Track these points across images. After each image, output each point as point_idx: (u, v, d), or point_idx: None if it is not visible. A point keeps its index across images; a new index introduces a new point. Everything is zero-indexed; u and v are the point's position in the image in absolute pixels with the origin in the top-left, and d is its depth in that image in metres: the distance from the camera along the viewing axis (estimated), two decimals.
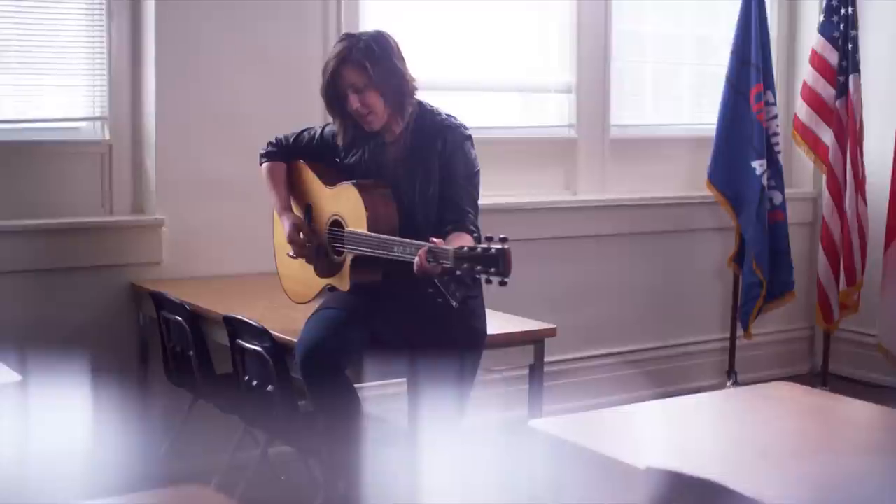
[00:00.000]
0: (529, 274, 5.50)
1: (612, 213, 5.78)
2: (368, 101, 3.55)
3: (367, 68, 3.53)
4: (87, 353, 4.43)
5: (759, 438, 2.69)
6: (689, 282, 6.02)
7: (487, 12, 5.45)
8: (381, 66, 3.56)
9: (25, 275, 4.46)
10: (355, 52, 3.56)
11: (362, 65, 3.54)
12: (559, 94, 5.72)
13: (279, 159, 3.84)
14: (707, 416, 2.94)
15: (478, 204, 3.60)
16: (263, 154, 3.87)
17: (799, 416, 2.94)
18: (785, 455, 2.56)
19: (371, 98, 3.55)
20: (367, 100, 3.55)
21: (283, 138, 3.86)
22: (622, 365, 5.81)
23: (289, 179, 3.84)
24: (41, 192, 4.55)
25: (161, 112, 4.63)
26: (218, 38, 4.70)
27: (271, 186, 3.81)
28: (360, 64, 3.54)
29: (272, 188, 3.81)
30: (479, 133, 5.42)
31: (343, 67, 3.56)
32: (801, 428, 2.83)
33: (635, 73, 5.98)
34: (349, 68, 3.55)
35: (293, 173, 3.84)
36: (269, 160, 3.85)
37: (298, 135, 3.84)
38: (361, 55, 3.55)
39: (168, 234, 4.67)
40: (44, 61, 4.56)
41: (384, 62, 3.57)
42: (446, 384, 3.47)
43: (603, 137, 5.80)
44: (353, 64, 3.55)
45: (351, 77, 3.55)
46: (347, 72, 3.55)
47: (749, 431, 2.77)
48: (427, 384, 3.47)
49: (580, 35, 5.67)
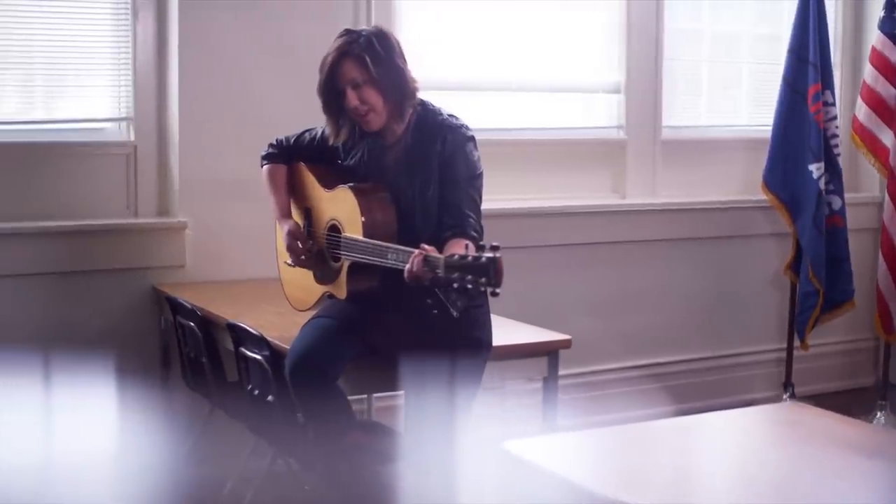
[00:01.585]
0: (573, 280, 5.36)
1: (662, 218, 5.58)
2: (368, 98, 3.42)
3: (368, 63, 3.40)
4: (110, 356, 4.41)
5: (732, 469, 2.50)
6: (744, 290, 5.79)
7: (531, 11, 5.29)
8: (382, 62, 3.43)
9: (49, 277, 4.44)
10: (355, 45, 3.43)
11: (362, 59, 3.41)
12: (607, 95, 5.54)
13: (279, 161, 3.73)
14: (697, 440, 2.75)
15: (480, 207, 3.45)
16: (264, 156, 3.77)
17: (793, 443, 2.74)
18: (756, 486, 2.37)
19: (370, 95, 3.42)
20: (366, 97, 3.42)
21: (284, 139, 3.75)
22: (670, 376, 5.60)
23: (289, 182, 3.73)
24: (67, 194, 4.52)
25: (185, 113, 4.57)
26: (244, 38, 4.63)
27: (271, 191, 3.71)
28: (359, 58, 3.41)
29: (271, 192, 3.71)
30: (524, 134, 5.39)
31: (342, 61, 3.43)
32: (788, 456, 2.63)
33: (689, 73, 5.76)
34: (349, 62, 3.42)
35: (294, 176, 3.73)
36: (269, 162, 3.74)
37: (299, 136, 3.73)
38: (361, 49, 3.42)
39: (191, 237, 4.60)
40: (69, 62, 4.52)
41: (385, 58, 3.44)
42: (445, 397, 3.32)
43: (654, 139, 5.60)
44: (352, 58, 3.42)
45: (350, 72, 3.42)
46: (347, 66, 3.43)
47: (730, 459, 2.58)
48: (425, 397, 3.33)
49: (630, 33, 5.49)
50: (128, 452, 4.31)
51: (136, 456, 4.25)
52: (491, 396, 4.25)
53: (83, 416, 4.38)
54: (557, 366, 3.77)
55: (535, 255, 5.28)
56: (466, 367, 3.39)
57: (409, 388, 3.40)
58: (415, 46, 5.04)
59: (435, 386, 3.31)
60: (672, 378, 5.60)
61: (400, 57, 3.50)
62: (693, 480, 2.45)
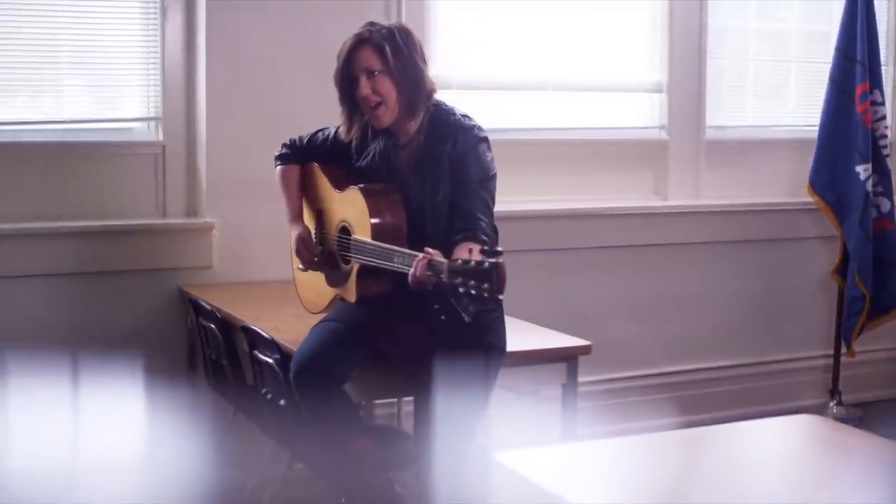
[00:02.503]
0: (613, 283, 5.26)
1: (704, 220, 5.45)
2: (380, 89, 3.33)
3: (386, 52, 3.33)
4: (138, 356, 4.39)
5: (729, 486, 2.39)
6: (789, 294, 5.64)
7: (571, 8, 5.20)
8: (401, 55, 3.35)
9: (77, 277, 4.43)
10: (375, 34, 3.36)
11: (381, 47, 3.34)
12: (649, 94, 5.42)
13: (293, 162, 3.68)
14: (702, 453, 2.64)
15: (492, 210, 3.35)
16: (277, 156, 3.72)
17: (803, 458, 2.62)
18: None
19: (384, 86, 3.33)
20: (380, 87, 3.33)
21: (297, 139, 3.70)
22: (713, 382, 5.48)
23: (302, 183, 3.67)
24: (96, 194, 4.52)
25: (212, 113, 4.54)
26: (272, 37, 4.59)
27: (283, 192, 3.66)
28: (378, 46, 3.34)
29: (284, 194, 3.65)
30: (563, 135, 5.29)
31: (360, 48, 3.36)
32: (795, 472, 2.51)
33: (734, 71, 5.61)
34: (366, 49, 3.35)
35: (307, 176, 3.67)
36: (282, 163, 3.69)
37: (312, 136, 3.67)
38: (381, 38, 3.36)
39: (219, 238, 4.57)
40: (99, 62, 4.51)
41: (404, 52, 3.36)
42: (454, 403, 3.24)
43: (697, 139, 5.47)
44: (371, 45, 3.35)
45: (367, 59, 3.35)
46: (364, 53, 3.35)
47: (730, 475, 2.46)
48: (433, 403, 3.25)
49: (672, 31, 5.36)
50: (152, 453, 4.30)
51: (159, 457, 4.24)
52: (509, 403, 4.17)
53: (110, 416, 4.38)
54: (577, 372, 3.67)
55: (574, 257, 5.20)
56: (477, 373, 3.30)
57: (418, 394, 3.33)
58: (451, 45, 5.05)
59: (444, 392, 3.23)
60: (714, 384, 5.47)
61: (420, 55, 3.42)
62: (688, 497, 2.34)
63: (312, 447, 3.41)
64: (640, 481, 2.42)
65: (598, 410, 5.08)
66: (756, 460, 2.57)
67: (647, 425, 4.89)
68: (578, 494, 2.27)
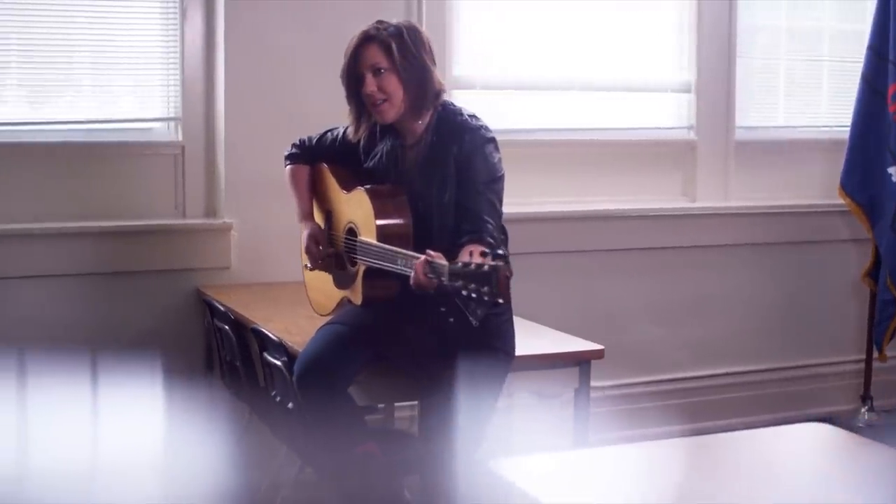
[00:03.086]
0: (639, 286, 5.19)
1: (734, 222, 5.37)
2: (386, 87, 3.29)
3: (392, 50, 3.29)
4: (155, 357, 4.40)
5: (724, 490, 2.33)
6: (820, 298, 5.54)
7: (597, 7, 5.14)
8: (408, 53, 3.31)
9: (96, 277, 4.43)
10: (382, 32, 3.33)
11: (387, 44, 3.30)
12: (677, 94, 5.34)
13: (302, 161, 3.65)
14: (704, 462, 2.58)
15: (499, 212, 3.29)
16: (287, 156, 3.69)
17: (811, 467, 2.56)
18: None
19: (390, 83, 3.29)
20: (385, 85, 3.29)
21: (307, 139, 3.67)
22: (741, 386, 5.39)
23: (312, 183, 3.64)
24: (115, 194, 4.52)
25: (231, 113, 4.53)
26: (291, 38, 4.56)
27: (293, 192, 3.63)
28: (385, 43, 3.30)
29: (294, 194, 3.63)
30: (589, 135, 5.22)
31: (366, 44, 3.33)
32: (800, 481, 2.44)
33: (765, 71, 5.52)
34: (373, 46, 3.32)
35: (316, 177, 3.64)
36: (292, 163, 3.66)
37: (322, 136, 3.64)
38: (388, 35, 3.31)
39: (237, 238, 4.55)
40: (118, 62, 4.50)
41: (412, 51, 3.32)
42: (459, 408, 3.20)
43: (726, 140, 5.39)
44: (377, 42, 3.31)
45: (373, 56, 3.31)
46: (370, 50, 3.32)
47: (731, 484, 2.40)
48: (439, 409, 3.20)
49: (701, 29, 5.28)
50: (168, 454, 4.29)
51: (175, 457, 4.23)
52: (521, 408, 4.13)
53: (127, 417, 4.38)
54: (589, 377, 3.61)
55: (600, 259, 5.13)
56: (484, 378, 3.25)
57: (423, 399, 3.29)
58: (474, 45, 5.00)
59: (450, 397, 3.19)
60: (743, 389, 5.39)
61: (428, 54, 3.38)
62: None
63: (318, 450, 3.38)
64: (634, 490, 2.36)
65: (622, 415, 5.01)
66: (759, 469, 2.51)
67: (670, 431, 4.82)
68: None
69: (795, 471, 2.55)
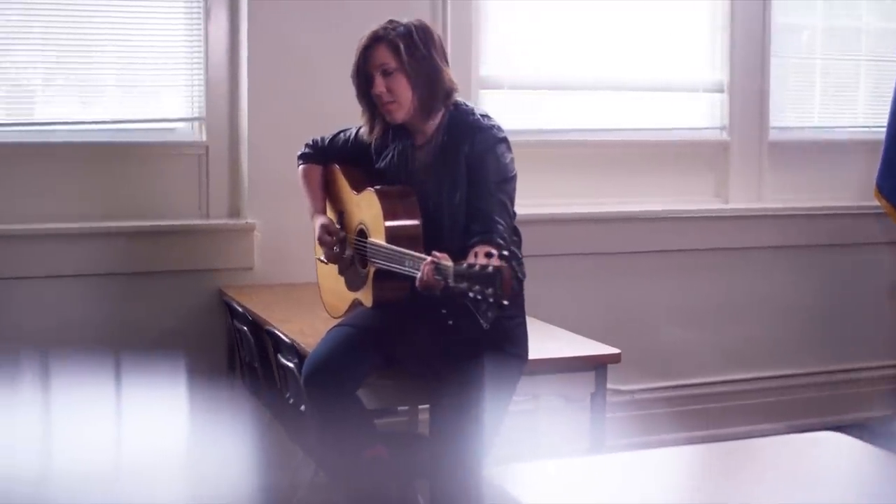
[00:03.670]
0: (669, 288, 5.13)
1: (767, 224, 5.28)
2: (395, 88, 3.26)
3: (401, 50, 3.25)
4: (178, 358, 4.39)
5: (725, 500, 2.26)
6: (855, 301, 5.43)
7: (628, 5, 5.06)
8: (417, 53, 3.27)
9: (120, 277, 4.43)
10: (391, 32, 3.29)
11: (395, 45, 3.26)
12: (710, 94, 5.26)
13: (315, 162, 3.62)
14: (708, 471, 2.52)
15: (510, 212, 3.24)
16: (300, 155, 3.66)
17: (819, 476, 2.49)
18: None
19: (399, 84, 3.26)
20: (394, 85, 3.26)
21: (320, 139, 3.64)
22: (774, 391, 5.30)
23: (325, 183, 3.61)
24: (140, 194, 4.52)
25: (254, 113, 4.51)
26: (315, 38, 4.53)
27: (305, 191, 3.60)
28: (393, 44, 3.27)
29: (306, 193, 3.60)
30: (620, 135, 5.16)
31: (375, 45, 3.30)
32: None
33: (800, 70, 5.43)
34: (381, 47, 3.29)
35: (329, 177, 3.61)
36: (304, 163, 3.63)
37: (335, 136, 3.61)
38: (397, 35, 3.28)
39: (260, 239, 4.54)
40: (143, 62, 4.51)
41: (421, 50, 3.28)
42: (470, 412, 3.15)
43: (760, 140, 5.30)
44: (385, 42, 3.28)
45: (382, 56, 3.28)
46: (379, 51, 3.29)
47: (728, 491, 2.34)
48: (450, 413, 3.16)
49: (734, 28, 5.20)
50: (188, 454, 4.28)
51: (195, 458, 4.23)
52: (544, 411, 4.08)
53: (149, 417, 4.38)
54: (605, 381, 3.55)
55: (630, 261, 5.07)
56: (495, 381, 3.20)
57: (433, 402, 3.25)
58: (502, 44, 4.95)
59: (460, 400, 3.14)
60: (776, 394, 5.30)
61: (439, 53, 3.34)
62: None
63: (327, 453, 3.35)
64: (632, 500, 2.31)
65: (650, 419, 4.96)
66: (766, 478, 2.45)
67: (697, 436, 4.76)
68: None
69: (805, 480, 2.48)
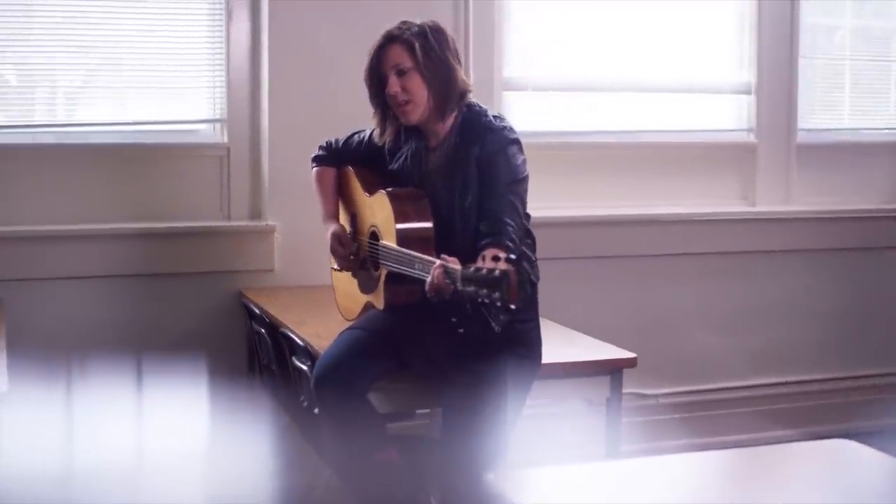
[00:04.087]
0: (695, 291, 5.08)
1: (795, 227, 5.21)
2: (410, 87, 3.23)
3: (416, 49, 3.23)
4: (198, 359, 4.39)
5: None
6: (884, 306, 5.36)
7: (652, 5, 5.02)
8: (432, 53, 3.25)
9: (141, 279, 4.44)
10: (406, 31, 3.27)
11: (410, 44, 3.24)
12: (736, 95, 5.20)
13: (328, 164, 3.60)
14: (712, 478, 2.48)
15: (521, 214, 3.19)
16: (314, 157, 3.64)
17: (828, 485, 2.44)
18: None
19: (414, 83, 3.23)
20: (409, 85, 3.23)
21: (334, 141, 3.62)
22: (800, 396, 5.23)
23: (338, 186, 3.59)
24: (161, 196, 4.52)
25: (275, 115, 4.51)
26: (336, 39, 4.51)
27: (318, 194, 3.59)
28: (408, 43, 3.25)
29: (319, 196, 3.58)
30: (645, 137, 5.12)
31: (389, 45, 3.28)
32: None
33: (828, 71, 5.36)
34: (396, 46, 3.26)
35: (342, 179, 3.59)
36: (318, 165, 3.62)
37: (348, 138, 3.59)
38: (411, 35, 3.26)
39: (280, 241, 4.54)
40: (164, 64, 4.50)
41: (436, 51, 3.26)
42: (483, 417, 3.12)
43: (788, 142, 5.24)
44: (400, 42, 3.26)
45: (396, 56, 3.26)
46: (393, 50, 3.27)
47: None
48: (461, 417, 3.13)
49: (761, 29, 5.14)
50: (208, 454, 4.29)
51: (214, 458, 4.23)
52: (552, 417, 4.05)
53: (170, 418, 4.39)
54: (621, 385, 3.51)
55: (655, 264, 5.03)
56: (507, 386, 3.17)
57: (445, 407, 3.22)
58: (525, 45, 4.91)
59: (471, 404, 3.11)
60: (802, 399, 5.23)
61: (452, 54, 3.32)
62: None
63: (338, 456, 3.34)
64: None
65: (674, 424, 4.91)
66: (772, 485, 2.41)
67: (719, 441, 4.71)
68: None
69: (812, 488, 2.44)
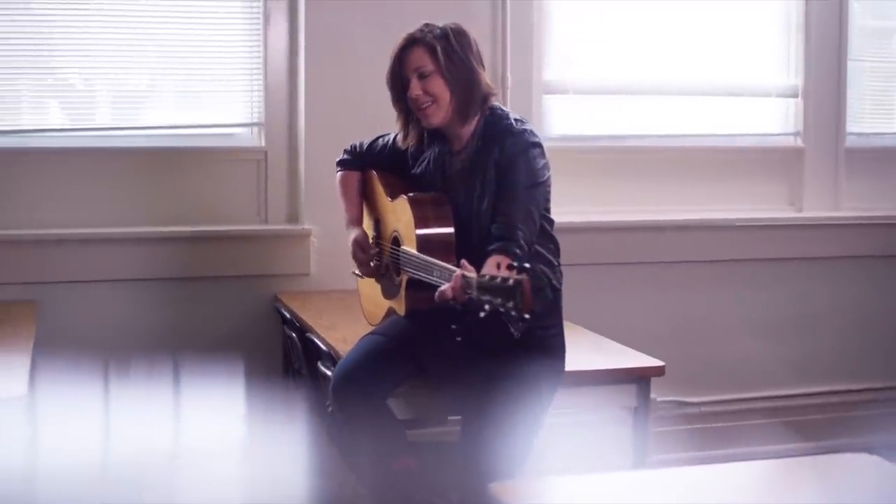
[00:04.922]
0: (741, 298, 5.01)
1: (844, 233, 5.12)
2: (432, 90, 3.20)
3: (438, 52, 3.20)
4: (234, 363, 4.40)
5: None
6: None
7: (698, 7, 4.95)
8: (455, 56, 3.22)
9: (178, 282, 4.46)
10: (428, 34, 3.25)
11: (432, 47, 3.21)
12: (783, 99, 5.11)
13: (353, 168, 3.58)
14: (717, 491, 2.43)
15: (535, 219, 3.14)
16: (339, 161, 3.63)
17: None
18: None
19: (436, 86, 3.20)
20: (432, 88, 3.20)
21: (358, 145, 3.60)
22: (847, 406, 5.13)
23: (362, 190, 3.57)
24: (199, 199, 4.53)
25: (311, 119, 4.51)
26: (373, 42, 4.44)
27: (342, 198, 3.56)
28: (430, 46, 3.22)
29: (342, 200, 3.56)
30: (690, 141, 5.05)
31: (411, 48, 3.25)
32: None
33: (878, 74, 5.25)
34: (418, 49, 3.24)
35: (366, 184, 3.57)
36: (342, 169, 3.60)
37: (373, 142, 3.56)
38: (434, 38, 3.23)
39: (317, 245, 4.53)
40: (202, 67, 4.52)
41: (458, 53, 3.23)
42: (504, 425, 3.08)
43: (836, 147, 5.14)
44: (422, 45, 3.23)
45: (418, 59, 3.23)
46: (415, 53, 3.24)
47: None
48: (481, 425, 3.09)
49: (809, 31, 5.05)
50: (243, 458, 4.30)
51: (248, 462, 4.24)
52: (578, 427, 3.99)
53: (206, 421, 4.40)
54: (648, 394, 3.46)
55: (700, 271, 4.96)
56: (529, 393, 3.13)
57: (465, 414, 3.18)
58: (565, 48, 4.86)
59: (492, 412, 3.08)
60: (849, 409, 5.12)
61: (475, 56, 3.28)
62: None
63: (357, 462, 3.32)
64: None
65: (713, 433, 4.84)
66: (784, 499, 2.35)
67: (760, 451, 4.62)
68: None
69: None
